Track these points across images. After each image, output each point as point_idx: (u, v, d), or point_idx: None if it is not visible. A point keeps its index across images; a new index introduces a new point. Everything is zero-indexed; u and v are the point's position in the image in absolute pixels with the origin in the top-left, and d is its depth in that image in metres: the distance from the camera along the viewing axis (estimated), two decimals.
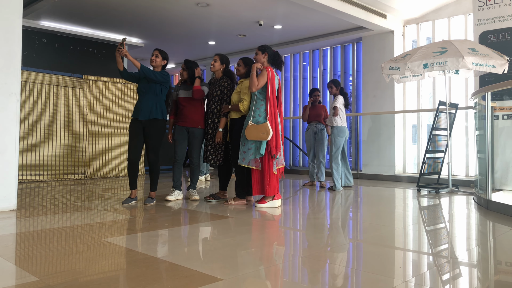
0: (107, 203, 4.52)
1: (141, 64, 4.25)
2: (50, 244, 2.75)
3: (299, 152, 10.20)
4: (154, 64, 4.46)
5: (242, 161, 4.27)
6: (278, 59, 4.45)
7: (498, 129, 5.95)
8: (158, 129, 4.40)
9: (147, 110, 4.33)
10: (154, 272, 2.19)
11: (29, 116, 6.76)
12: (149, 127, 4.36)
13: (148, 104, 4.34)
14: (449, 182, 5.95)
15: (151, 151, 4.43)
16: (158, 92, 4.39)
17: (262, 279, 2.12)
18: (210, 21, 8.22)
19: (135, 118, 4.40)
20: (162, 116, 4.40)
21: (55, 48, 8.74)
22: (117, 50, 4.17)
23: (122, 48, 4.14)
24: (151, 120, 4.36)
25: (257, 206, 4.35)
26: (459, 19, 7.78)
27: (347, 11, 7.24)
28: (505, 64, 5.41)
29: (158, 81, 4.35)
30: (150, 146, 4.41)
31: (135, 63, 4.20)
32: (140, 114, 4.34)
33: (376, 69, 8.19)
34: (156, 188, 4.57)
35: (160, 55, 4.48)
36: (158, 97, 4.39)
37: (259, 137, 4.18)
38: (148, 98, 4.36)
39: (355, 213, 4.25)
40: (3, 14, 4.05)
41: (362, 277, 2.18)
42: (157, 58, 4.46)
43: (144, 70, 4.27)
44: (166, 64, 4.56)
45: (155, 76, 4.32)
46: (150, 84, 4.37)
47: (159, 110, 4.38)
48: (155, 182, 4.54)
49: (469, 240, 3.16)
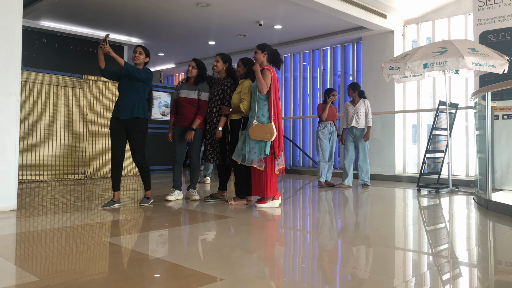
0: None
1: (125, 61, 4.14)
2: (50, 244, 2.75)
3: (299, 152, 10.20)
4: (137, 62, 4.31)
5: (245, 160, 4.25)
6: (277, 58, 4.41)
7: (498, 129, 5.95)
8: (141, 129, 4.25)
9: (128, 108, 4.18)
10: (154, 272, 2.19)
11: (29, 116, 6.76)
12: (132, 127, 4.21)
13: (130, 102, 4.18)
14: (449, 182, 5.95)
15: (136, 152, 4.27)
16: (140, 90, 4.24)
17: (262, 279, 2.12)
18: (210, 21, 8.22)
19: (115, 117, 4.25)
20: (144, 115, 4.25)
21: (55, 48, 8.74)
22: (99, 47, 4.03)
23: (105, 45, 4.00)
24: (133, 120, 4.20)
25: (257, 206, 4.35)
26: (459, 19, 7.78)
27: (347, 11, 7.24)
28: (505, 64, 5.41)
29: (142, 79, 4.21)
30: (135, 147, 4.26)
31: (119, 60, 4.08)
32: (121, 113, 4.18)
33: (376, 69, 8.19)
34: (150, 187, 4.48)
35: (144, 52, 4.36)
36: (140, 95, 4.24)
37: (262, 137, 4.16)
38: (130, 96, 4.20)
39: (356, 213, 4.25)
40: (3, 14, 4.05)
41: (362, 277, 2.18)
42: (141, 55, 4.32)
43: (129, 68, 4.13)
44: (148, 62, 4.43)
45: (139, 74, 4.18)
46: (132, 82, 4.22)
47: (141, 109, 4.22)
48: (147, 182, 4.44)
49: (469, 240, 3.16)
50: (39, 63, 8.27)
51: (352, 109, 6.41)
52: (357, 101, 6.41)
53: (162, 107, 8.77)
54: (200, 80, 4.75)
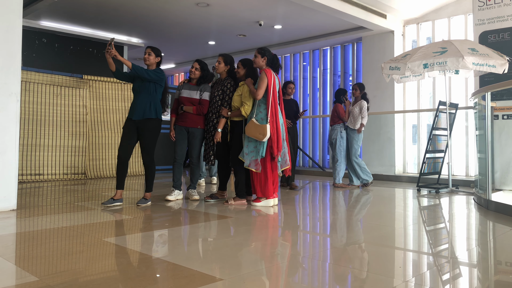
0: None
1: (132, 63, 4.14)
2: (50, 244, 2.75)
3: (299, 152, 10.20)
4: (147, 63, 4.35)
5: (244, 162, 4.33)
6: (276, 63, 4.50)
7: (498, 129, 5.95)
8: (152, 129, 4.29)
9: (141, 110, 4.23)
10: (154, 272, 2.19)
11: (29, 116, 6.76)
12: (143, 127, 4.26)
13: (142, 103, 4.24)
14: (449, 182, 5.95)
15: (145, 152, 4.32)
16: (152, 91, 4.28)
17: (262, 279, 2.12)
18: (210, 21, 8.22)
19: (129, 118, 4.31)
20: (156, 116, 4.29)
21: (55, 48, 8.74)
22: (106, 51, 4.07)
23: (111, 49, 4.02)
24: (144, 120, 4.26)
25: (252, 205, 4.39)
26: (459, 19, 7.78)
27: (347, 11, 7.24)
28: (505, 64, 5.41)
29: (152, 79, 4.24)
30: (144, 146, 4.31)
31: (126, 63, 4.11)
32: (134, 114, 4.25)
33: (376, 69, 8.19)
34: (152, 189, 4.47)
35: (153, 52, 4.36)
36: (152, 96, 4.28)
37: (255, 136, 4.23)
38: (142, 98, 4.25)
39: (355, 213, 4.25)
40: (3, 14, 4.05)
41: (362, 277, 2.18)
42: (150, 57, 4.34)
43: (136, 70, 4.16)
44: (160, 61, 4.44)
45: (148, 75, 4.22)
46: (144, 83, 4.26)
47: (153, 109, 4.26)
48: (150, 183, 4.43)
49: (469, 240, 3.16)
50: (39, 63, 8.27)
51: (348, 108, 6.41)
52: (357, 101, 6.41)
53: None
54: (202, 81, 4.76)
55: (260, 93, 4.28)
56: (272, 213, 4.08)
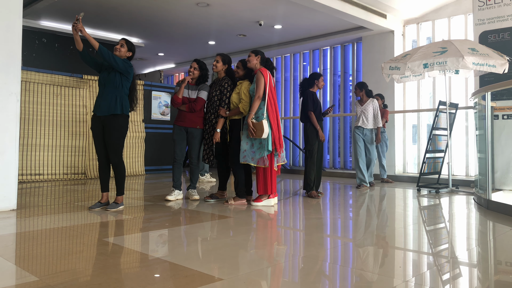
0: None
1: (99, 44, 3.80)
2: (50, 244, 2.75)
3: (299, 152, 10.20)
4: (117, 54, 4.00)
5: (251, 160, 4.31)
6: (270, 64, 4.53)
7: (498, 129, 5.95)
8: (118, 126, 3.94)
9: (105, 105, 3.89)
10: (154, 272, 2.19)
11: (29, 116, 6.76)
12: (108, 124, 3.91)
13: (107, 98, 3.90)
14: (449, 182, 5.95)
15: (111, 151, 3.96)
16: (118, 84, 3.92)
17: (262, 279, 2.12)
18: (210, 21, 8.22)
19: (94, 114, 3.99)
20: (123, 112, 3.93)
21: (55, 48, 8.74)
22: (72, 26, 3.73)
23: (78, 23, 3.70)
24: (110, 116, 3.91)
25: (252, 205, 4.37)
26: (459, 19, 7.78)
27: (347, 11, 7.24)
28: (505, 64, 5.41)
29: (118, 68, 3.88)
30: (110, 145, 3.94)
31: (92, 41, 3.77)
32: (99, 110, 3.92)
33: (376, 69, 8.19)
34: (123, 192, 4.17)
35: (126, 45, 4.06)
36: (118, 90, 3.93)
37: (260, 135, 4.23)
38: (107, 92, 3.91)
39: (355, 213, 4.25)
40: (3, 14, 4.05)
41: (362, 277, 2.18)
42: (122, 48, 4.03)
43: (103, 51, 3.76)
44: (132, 56, 4.14)
45: (115, 61, 3.84)
46: (110, 76, 3.93)
47: (119, 104, 3.91)
48: (120, 186, 4.10)
49: (469, 240, 3.16)
50: (39, 63, 8.27)
51: (359, 109, 6.41)
52: (365, 100, 6.40)
53: (162, 107, 8.76)
54: (201, 81, 4.76)
55: (261, 93, 4.29)
56: (272, 212, 4.08)
